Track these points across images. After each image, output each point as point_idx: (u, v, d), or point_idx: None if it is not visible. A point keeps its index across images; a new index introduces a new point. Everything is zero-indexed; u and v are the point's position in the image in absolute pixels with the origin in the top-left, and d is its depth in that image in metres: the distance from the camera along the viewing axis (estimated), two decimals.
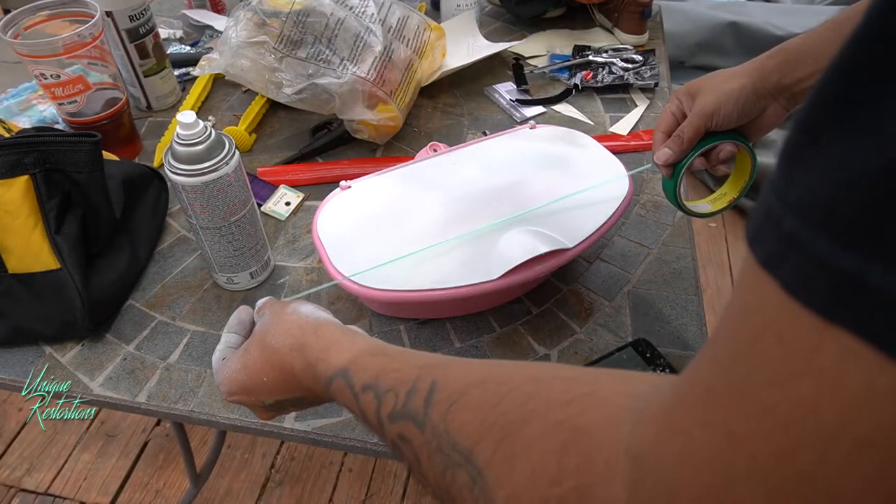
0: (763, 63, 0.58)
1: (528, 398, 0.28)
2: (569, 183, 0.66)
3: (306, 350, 0.41)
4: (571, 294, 0.70)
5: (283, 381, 0.43)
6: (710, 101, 0.58)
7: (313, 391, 0.41)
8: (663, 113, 0.64)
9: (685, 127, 0.60)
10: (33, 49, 0.76)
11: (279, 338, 0.43)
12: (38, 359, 0.66)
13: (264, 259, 0.71)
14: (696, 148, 0.60)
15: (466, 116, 0.96)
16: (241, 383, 0.44)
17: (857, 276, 0.15)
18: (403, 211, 0.64)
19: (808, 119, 0.17)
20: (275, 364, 0.43)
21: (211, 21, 1.14)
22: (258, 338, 0.45)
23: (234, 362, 0.45)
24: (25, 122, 0.93)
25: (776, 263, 0.17)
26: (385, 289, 0.58)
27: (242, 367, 0.44)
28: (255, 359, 0.44)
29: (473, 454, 0.27)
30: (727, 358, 0.19)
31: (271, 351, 0.43)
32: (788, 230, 0.17)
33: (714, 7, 2.22)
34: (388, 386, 0.35)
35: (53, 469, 1.41)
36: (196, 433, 1.43)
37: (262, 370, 0.43)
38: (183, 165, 0.60)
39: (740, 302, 0.19)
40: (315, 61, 0.82)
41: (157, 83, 0.96)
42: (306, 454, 1.42)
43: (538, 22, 1.15)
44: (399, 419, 0.33)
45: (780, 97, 0.58)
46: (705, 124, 0.59)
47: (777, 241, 0.17)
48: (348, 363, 0.38)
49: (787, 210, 0.17)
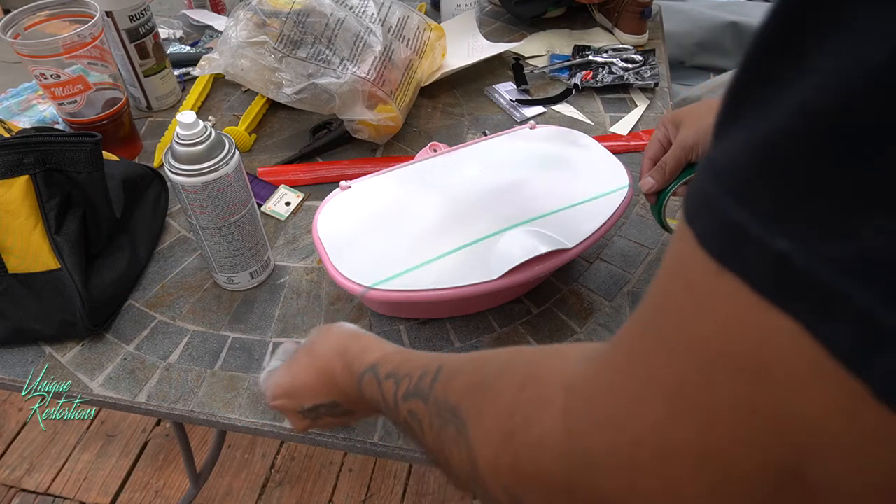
0: None
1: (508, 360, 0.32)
2: (569, 183, 0.67)
3: (347, 353, 0.46)
4: (571, 294, 0.70)
5: (323, 384, 0.47)
6: (690, 135, 0.63)
7: (347, 394, 0.46)
8: (651, 140, 0.68)
9: (667, 158, 0.64)
10: (33, 49, 0.76)
11: (325, 344, 0.49)
12: (38, 359, 0.66)
13: (264, 259, 0.71)
14: (678, 178, 0.65)
15: (466, 116, 0.96)
16: (285, 387, 0.50)
17: (742, 228, 0.18)
18: (403, 211, 0.64)
19: (727, 99, 0.20)
20: (319, 367, 0.48)
21: (211, 21, 1.14)
22: (306, 348, 0.50)
23: (281, 370, 0.51)
24: (25, 122, 0.93)
25: (693, 219, 0.21)
26: (385, 289, 0.58)
27: (288, 372, 0.50)
28: (301, 363, 0.49)
29: (459, 409, 0.32)
30: (653, 305, 0.23)
31: (317, 356, 0.48)
32: (705, 191, 0.20)
33: (714, 7, 2.22)
34: (406, 372, 0.39)
35: (53, 469, 1.41)
36: (196, 433, 1.43)
37: (307, 373, 0.49)
38: (183, 165, 0.60)
39: (669, 257, 0.23)
40: (315, 61, 0.82)
41: (157, 83, 0.96)
42: (306, 454, 1.42)
43: (538, 22, 1.15)
44: (410, 397, 0.37)
45: None
46: (686, 157, 0.63)
47: (698, 202, 0.21)
48: (377, 359, 0.43)
49: (707, 175, 0.20)
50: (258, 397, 0.62)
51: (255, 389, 0.63)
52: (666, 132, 0.66)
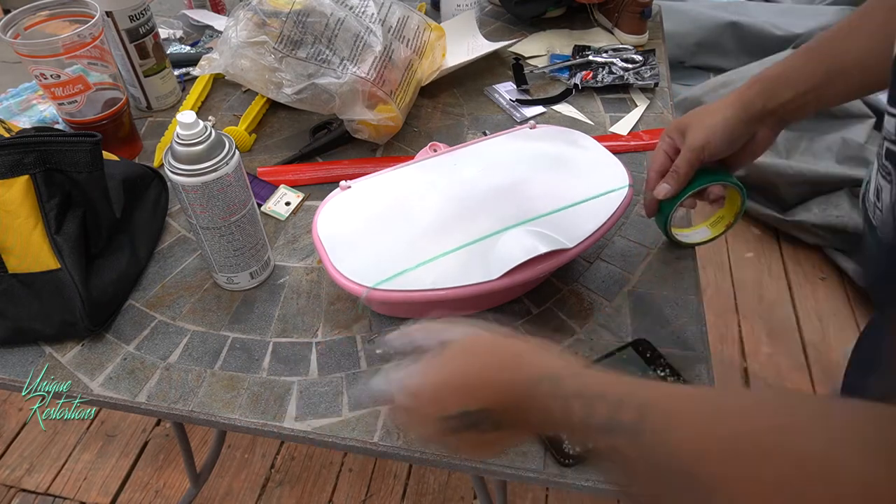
0: (743, 93, 0.62)
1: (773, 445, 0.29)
2: (569, 183, 0.67)
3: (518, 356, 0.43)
4: (571, 294, 0.70)
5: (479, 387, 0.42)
6: (699, 136, 0.62)
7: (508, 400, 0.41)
8: (655, 153, 0.67)
9: (679, 162, 0.64)
10: (33, 49, 0.76)
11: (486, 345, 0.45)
12: (38, 359, 0.66)
13: (264, 259, 0.71)
14: (688, 187, 0.65)
15: (466, 116, 0.96)
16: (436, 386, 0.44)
17: None
18: (403, 211, 0.64)
19: None
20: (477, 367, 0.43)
21: (211, 21, 1.14)
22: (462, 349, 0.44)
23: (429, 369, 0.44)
24: (25, 122, 0.93)
25: None
26: (385, 289, 0.58)
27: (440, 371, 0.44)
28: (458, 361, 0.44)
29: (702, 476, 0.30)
30: None
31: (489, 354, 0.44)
32: None
33: (714, 7, 2.22)
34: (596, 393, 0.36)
35: (53, 469, 1.41)
36: (196, 433, 1.43)
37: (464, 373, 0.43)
38: (183, 165, 0.60)
39: None
40: (315, 61, 0.82)
41: (157, 83, 0.96)
42: (306, 454, 1.42)
43: (538, 22, 1.15)
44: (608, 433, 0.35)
45: (767, 120, 0.62)
46: (698, 157, 0.63)
47: None
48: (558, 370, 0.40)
49: None
50: (258, 397, 0.62)
51: (254, 390, 0.62)
52: (671, 142, 0.66)
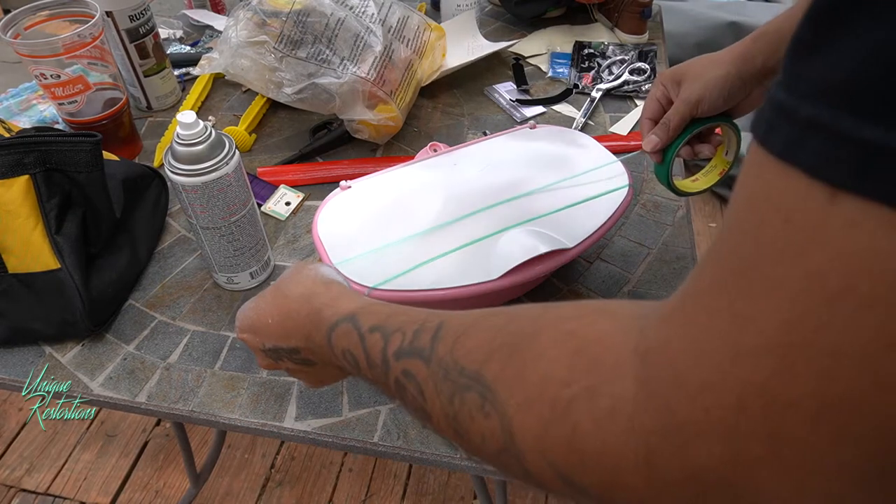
0: (748, 47, 0.59)
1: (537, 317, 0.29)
2: (569, 183, 0.67)
3: (313, 298, 0.44)
4: (571, 294, 0.70)
5: (283, 326, 0.45)
6: (695, 90, 0.60)
7: (312, 339, 0.43)
8: (648, 99, 0.65)
9: (671, 114, 0.62)
10: (33, 49, 0.76)
11: (291, 286, 0.46)
12: (38, 359, 0.66)
13: (264, 259, 0.71)
14: (683, 134, 0.62)
15: (466, 116, 0.96)
16: (249, 321, 0.49)
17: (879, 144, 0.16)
18: (403, 211, 0.64)
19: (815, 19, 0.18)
20: (281, 308, 0.46)
21: (211, 21, 1.14)
22: (275, 285, 0.48)
23: (250, 302, 0.50)
24: (25, 122, 0.93)
25: (795, 150, 0.18)
26: (385, 289, 0.58)
27: (255, 307, 0.49)
28: (266, 301, 0.48)
29: (482, 373, 0.28)
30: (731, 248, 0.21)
31: (282, 296, 0.46)
32: (806, 117, 0.18)
33: (714, 7, 2.22)
34: (396, 326, 0.36)
35: (53, 469, 1.41)
36: (196, 433, 1.43)
37: (269, 312, 0.47)
38: (183, 165, 0.60)
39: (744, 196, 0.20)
40: (315, 61, 0.82)
41: (157, 83, 0.96)
42: (306, 454, 1.42)
43: (538, 22, 1.15)
44: (405, 356, 0.34)
45: (764, 80, 0.59)
46: (691, 112, 0.61)
47: (795, 130, 0.18)
48: (357, 309, 0.40)
49: (801, 100, 0.18)
50: (258, 397, 0.62)
51: (254, 390, 0.63)
52: (664, 90, 0.63)
